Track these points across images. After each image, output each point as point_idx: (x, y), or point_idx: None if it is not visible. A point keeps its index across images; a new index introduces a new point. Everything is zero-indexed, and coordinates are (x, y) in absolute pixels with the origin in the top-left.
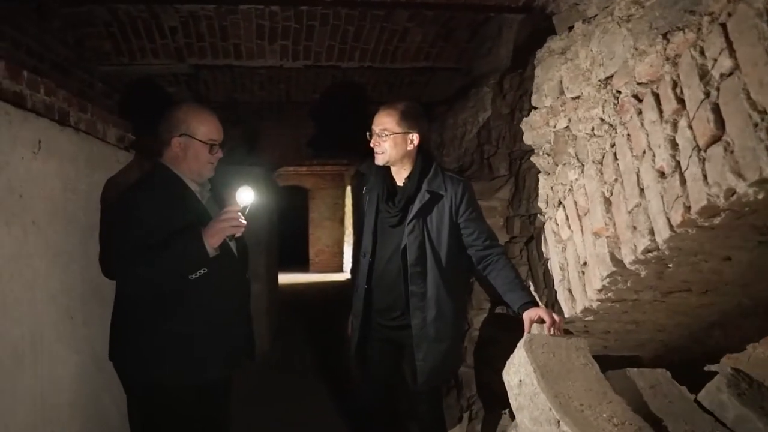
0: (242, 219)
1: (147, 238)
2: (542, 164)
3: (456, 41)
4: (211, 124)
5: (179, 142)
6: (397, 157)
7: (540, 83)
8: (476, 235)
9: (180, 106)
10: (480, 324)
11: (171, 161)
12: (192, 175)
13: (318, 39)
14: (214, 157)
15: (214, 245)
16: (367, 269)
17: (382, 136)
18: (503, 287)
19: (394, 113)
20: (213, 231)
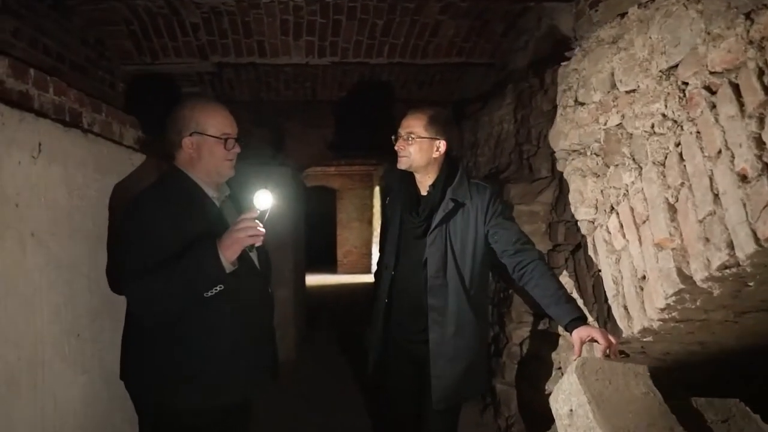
0: (260, 227)
1: (156, 252)
2: (590, 165)
3: (490, 35)
4: (222, 117)
5: (190, 142)
6: (421, 163)
7: (587, 77)
8: (506, 240)
9: (184, 104)
10: (520, 339)
11: (185, 164)
12: (210, 176)
13: (345, 34)
14: (232, 153)
15: (230, 258)
16: (389, 282)
17: (408, 139)
18: (546, 299)
19: (423, 117)
20: (228, 243)
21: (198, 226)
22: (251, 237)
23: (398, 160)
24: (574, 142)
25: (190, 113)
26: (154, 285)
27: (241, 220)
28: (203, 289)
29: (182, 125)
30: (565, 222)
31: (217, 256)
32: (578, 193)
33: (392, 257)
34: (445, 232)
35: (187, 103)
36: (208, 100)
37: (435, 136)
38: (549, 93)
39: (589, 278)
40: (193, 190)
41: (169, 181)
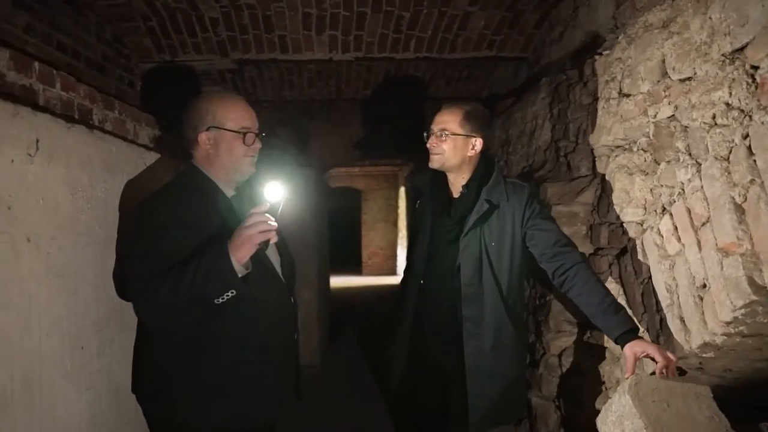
0: (272, 221)
1: (166, 257)
2: (637, 162)
3: (523, 27)
4: (241, 110)
5: (207, 137)
6: (455, 162)
7: (633, 66)
8: (545, 242)
9: (200, 97)
10: (559, 349)
11: (203, 162)
12: (229, 174)
13: (370, 28)
14: (252, 149)
15: (241, 259)
16: (416, 291)
17: (442, 136)
18: (592, 308)
19: (458, 113)
20: (238, 242)
21: (214, 229)
22: (262, 233)
23: (430, 159)
24: (618, 137)
25: (206, 106)
26: (161, 291)
27: (251, 215)
28: (213, 294)
29: (198, 119)
30: (608, 224)
31: (227, 257)
32: (624, 192)
33: (421, 264)
34: (479, 236)
35: (204, 96)
36: (226, 92)
37: (470, 133)
38: (589, 85)
39: (638, 285)
40: (210, 189)
41: (184, 180)
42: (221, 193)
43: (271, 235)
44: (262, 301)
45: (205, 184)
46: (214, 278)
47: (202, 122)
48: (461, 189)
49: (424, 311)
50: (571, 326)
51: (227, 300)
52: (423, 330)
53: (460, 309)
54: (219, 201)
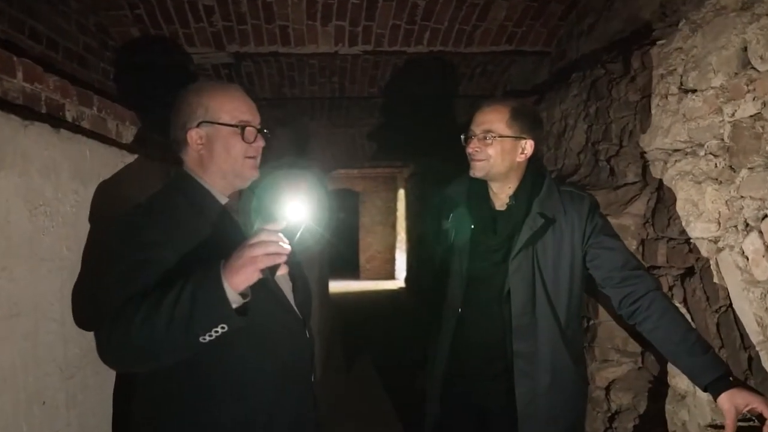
0: (285, 242)
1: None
2: (705, 169)
3: (548, 18)
4: (238, 100)
5: (198, 135)
6: (502, 170)
7: (701, 56)
8: (611, 264)
9: (189, 88)
10: (605, 381)
11: (195, 167)
12: (227, 179)
13: (381, 18)
14: (253, 148)
15: (238, 286)
16: (454, 322)
17: (486, 139)
18: (672, 346)
19: (504, 110)
20: (237, 264)
21: (209, 250)
22: (270, 257)
23: (472, 166)
24: (679, 140)
25: (196, 98)
26: (131, 326)
27: (259, 231)
28: (198, 329)
29: (187, 114)
30: (667, 239)
31: (218, 281)
32: (690, 203)
33: (459, 290)
34: (532, 256)
35: (193, 86)
36: (219, 81)
37: (520, 134)
38: (638, 80)
39: (711, 314)
40: (205, 201)
41: (171, 190)
42: (218, 205)
43: (281, 260)
44: (270, 337)
45: (197, 195)
46: (200, 308)
47: (192, 117)
48: (507, 201)
49: (464, 346)
50: (619, 355)
51: (218, 338)
52: (463, 368)
53: (509, 343)
54: (216, 215)
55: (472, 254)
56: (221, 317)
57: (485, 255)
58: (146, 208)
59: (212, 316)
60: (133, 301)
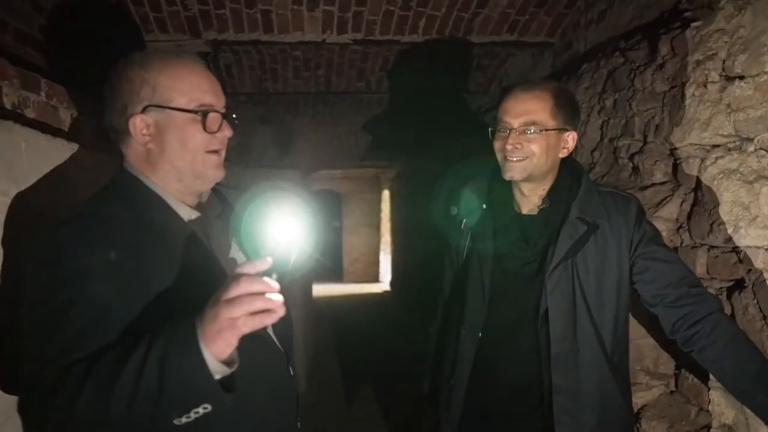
0: (275, 289)
1: (84, 336)
2: (755, 166)
3: (553, 5)
4: (198, 76)
5: (144, 122)
6: (545, 169)
7: (753, 36)
8: (665, 279)
9: (131, 60)
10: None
11: (140, 164)
12: (183, 183)
13: (373, 2)
14: (218, 139)
15: (220, 354)
16: (474, 349)
17: (528, 133)
18: (744, 381)
19: (548, 98)
20: (214, 327)
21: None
22: (257, 316)
23: (508, 168)
24: (721, 133)
25: (140, 72)
26: (77, 401)
27: (237, 279)
28: (173, 411)
29: (129, 94)
30: (708, 247)
31: (197, 352)
32: (740, 206)
33: (480, 310)
34: (571, 270)
35: (137, 56)
36: (172, 53)
37: (564, 125)
38: (666, 68)
39: None
40: (155, 210)
41: (110, 196)
42: (174, 215)
43: (272, 321)
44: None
45: (146, 202)
46: (172, 384)
47: (134, 99)
48: (540, 204)
49: (487, 377)
50: (649, 377)
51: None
52: (487, 404)
53: (546, 375)
54: (174, 232)
55: (497, 267)
56: (203, 395)
57: (514, 268)
58: (75, 222)
59: (190, 394)
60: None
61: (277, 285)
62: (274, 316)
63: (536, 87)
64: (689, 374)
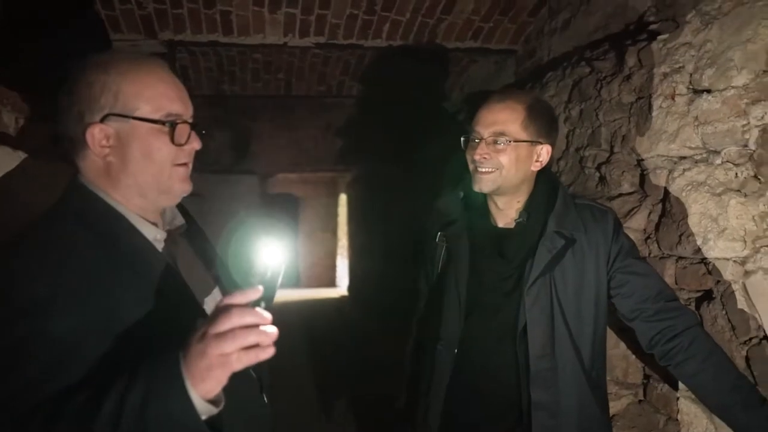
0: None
1: (42, 381)
2: (723, 179)
3: (517, 13)
4: (164, 83)
5: (104, 133)
6: (515, 182)
7: (718, 51)
8: (642, 293)
9: (92, 59)
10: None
11: (98, 179)
12: (146, 199)
13: (337, 5)
14: (186, 151)
15: (208, 394)
16: (451, 366)
17: (498, 144)
18: (722, 396)
19: (520, 109)
20: (201, 366)
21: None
22: (250, 352)
23: (477, 179)
24: (688, 146)
25: (101, 76)
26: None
27: (227, 310)
28: None
29: (87, 101)
30: (677, 258)
31: (183, 392)
32: (708, 218)
33: (456, 326)
34: (549, 285)
35: (97, 59)
36: (135, 56)
37: (536, 138)
38: (633, 79)
39: (739, 346)
40: (116, 230)
41: (64, 214)
42: (138, 235)
43: (267, 355)
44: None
45: (105, 221)
46: (156, 427)
47: (93, 106)
48: (517, 217)
49: (464, 394)
50: (618, 387)
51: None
52: (464, 421)
53: (525, 391)
54: (137, 252)
55: (473, 281)
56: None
57: (490, 283)
58: (26, 246)
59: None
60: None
61: (270, 316)
62: (269, 350)
63: (510, 98)
64: (658, 384)
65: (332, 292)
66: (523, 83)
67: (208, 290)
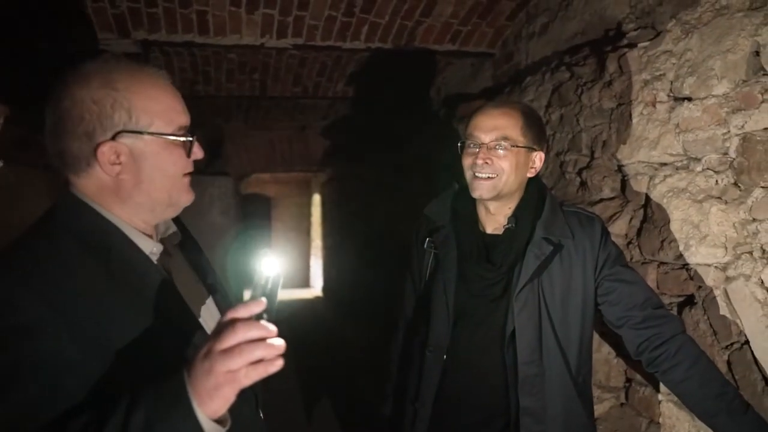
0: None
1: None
2: (703, 186)
3: (495, 17)
4: (169, 95)
5: (116, 151)
6: (513, 187)
7: (700, 60)
8: (630, 300)
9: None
10: None
11: (100, 195)
12: (153, 214)
13: (315, 7)
14: (191, 162)
15: (216, 414)
16: (439, 374)
17: (499, 149)
18: (708, 403)
19: (518, 116)
20: (209, 386)
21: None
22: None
23: (476, 186)
24: (669, 153)
25: (109, 92)
26: None
27: (232, 325)
28: None
29: (96, 119)
30: (659, 263)
31: (190, 410)
32: (690, 225)
33: (445, 332)
34: (537, 291)
35: (92, 69)
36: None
37: (533, 144)
38: (614, 85)
39: (720, 351)
40: (114, 244)
41: (55, 229)
42: (136, 250)
43: (276, 369)
44: None
45: (102, 237)
46: None
47: (105, 125)
48: (506, 223)
49: (452, 400)
50: (600, 391)
51: None
52: (452, 427)
53: (513, 397)
54: (135, 268)
55: (461, 287)
56: None
57: (479, 289)
58: (16, 262)
59: None
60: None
61: (275, 328)
62: (277, 363)
63: (506, 104)
64: (640, 387)
65: (306, 293)
66: (501, 87)
67: (202, 300)
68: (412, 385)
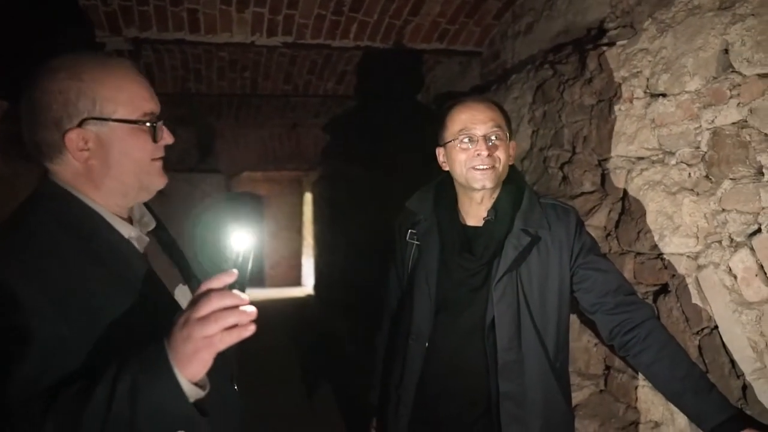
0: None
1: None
2: (677, 179)
3: (482, 16)
4: (136, 83)
5: (83, 137)
6: (504, 176)
7: (674, 58)
8: (603, 287)
9: (58, 64)
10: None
11: (76, 180)
12: (127, 197)
13: (305, 5)
14: (161, 147)
15: (195, 377)
16: (421, 361)
17: (496, 139)
18: (675, 384)
19: (496, 107)
20: (187, 350)
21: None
22: (232, 331)
23: (480, 177)
24: (646, 147)
25: (74, 83)
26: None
27: (206, 295)
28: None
29: (62, 107)
30: (635, 254)
31: (172, 376)
32: (664, 216)
33: (427, 321)
34: (516, 281)
35: (62, 63)
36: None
37: (510, 134)
38: (594, 82)
39: (691, 336)
40: (94, 230)
41: (40, 215)
42: (116, 233)
43: (248, 333)
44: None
45: (82, 221)
46: (148, 416)
47: (70, 113)
48: (486, 215)
49: (434, 387)
50: (581, 378)
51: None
52: (435, 413)
53: (493, 382)
54: (115, 250)
55: (443, 277)
56: (178, 422)
57: (460, 279)
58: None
59: (166, 422)
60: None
61: (247, 297)
62: (250, 328)
63: (485, 98)
64: (618, 374)
65: (298, 292)
66: (488, 85)
67: (177, 283)
68: (396, 372)
